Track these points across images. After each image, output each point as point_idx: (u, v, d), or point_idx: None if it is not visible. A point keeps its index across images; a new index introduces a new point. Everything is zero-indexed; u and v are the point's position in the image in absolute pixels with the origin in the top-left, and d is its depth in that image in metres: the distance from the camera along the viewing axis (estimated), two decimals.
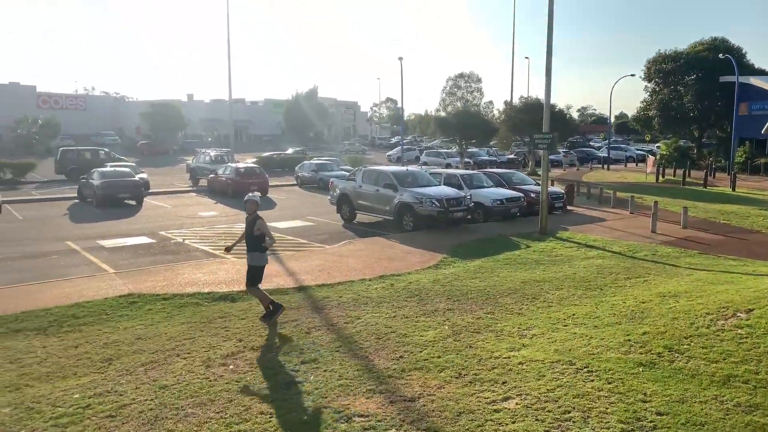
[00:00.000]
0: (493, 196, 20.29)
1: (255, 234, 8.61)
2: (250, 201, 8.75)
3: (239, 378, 6.40)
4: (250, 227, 8.65)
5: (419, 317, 8.69)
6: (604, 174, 43.21)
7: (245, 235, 8.77)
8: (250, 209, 8.70)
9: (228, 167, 28.94)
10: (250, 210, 8.70)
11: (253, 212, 8.72)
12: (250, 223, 8.68)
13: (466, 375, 6.28)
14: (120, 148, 57.36)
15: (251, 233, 8.61)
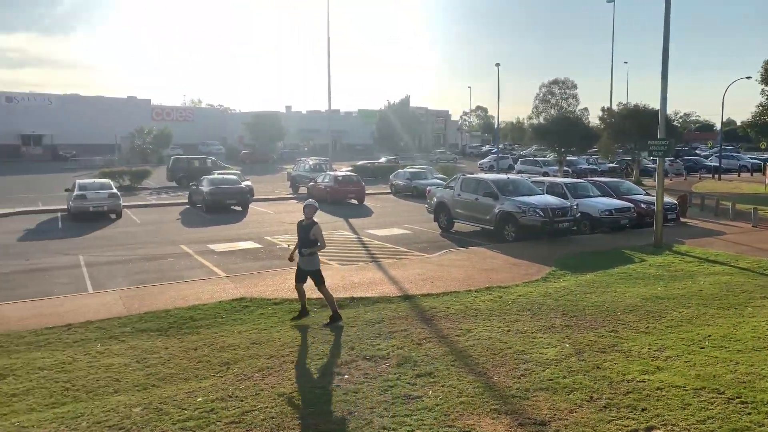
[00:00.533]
0: (601, 206, 19.23)
1: (311, 239, 8.83)
2: (311, 206, 8.98)
3: (356, 389, 6.27)
4: (306, 231, 8.83)
5: (535, 333, 8.22)
6: (715, 184, 40.18)
7: (300, 239, 9.00)
8: (309, 214, 8.90)
9: (327, 175, 29.52)
10: (309, 215, 8.90)
11: (310, 217, 8.93)
12: (306, 227, 8.87)
13: (599, 399, 5.78)
14: (224, 157, 60.43)
15: (307, 237, 8.82)
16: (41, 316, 9.53)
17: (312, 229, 8.83)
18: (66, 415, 5.78)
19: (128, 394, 6.35)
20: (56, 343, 8.19)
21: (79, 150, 63.92)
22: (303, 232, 8.89)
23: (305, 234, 8.85)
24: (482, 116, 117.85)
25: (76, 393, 6.42)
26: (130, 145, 60.93)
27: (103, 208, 22.93)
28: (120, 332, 8.69)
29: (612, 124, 41.45)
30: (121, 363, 7.36)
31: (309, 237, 8.81)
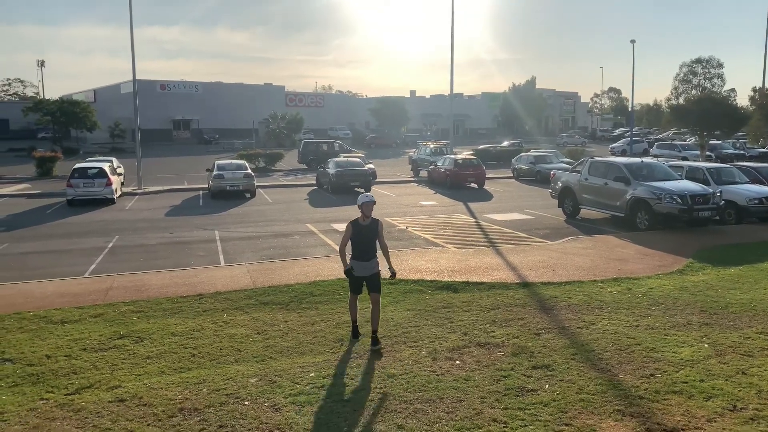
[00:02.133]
0: (748, 194, 17.16)
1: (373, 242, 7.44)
2: (370, 203, 7.35)
3: (467, 376, 6.06)
4: (372, 232, 7.37)
5: (668, 330, 7.48)
6: None
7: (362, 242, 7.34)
8: (369, 211, 7.35)
9: (447, 159, 29.26)
10: (369, 212, 7.36)
11: (370, 215, 7.39)
12: (371, 227, 7.36)
13: (744, 409, 5.10)
14: (351, 141, 62.23)
15: (372, 240, 7.39)
16: (178, 286, 10.30)
17: (378, 228, 7.45)
18: (190, 380, 6.16)
19: (247, 364, 6.64)
20: (188, 311, 8.80)
21: (221, 134, 68.92)
22: (368, 232, 7.35)
23: (370, 235, 7.37)
24: (615, 98, 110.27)
25: (201, 360, 6.83)
26: (265, 130, 64.58)
27: (239, 188, 24.53)
28: (245, 304, 9.15)
29: (764, 106, 36.97)
30: (243, 333, 7.73)
31: (373, 240, 7.40)
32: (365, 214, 7.31)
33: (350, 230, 7.39)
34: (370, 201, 7.34)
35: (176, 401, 5.63)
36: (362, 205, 7.33)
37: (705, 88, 43.91)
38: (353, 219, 7.44)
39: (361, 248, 7.34)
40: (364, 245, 7.35)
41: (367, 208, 7.30)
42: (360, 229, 7.33)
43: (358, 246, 7.34)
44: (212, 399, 5.64)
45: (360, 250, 7.33)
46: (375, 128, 73.52)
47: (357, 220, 7.38)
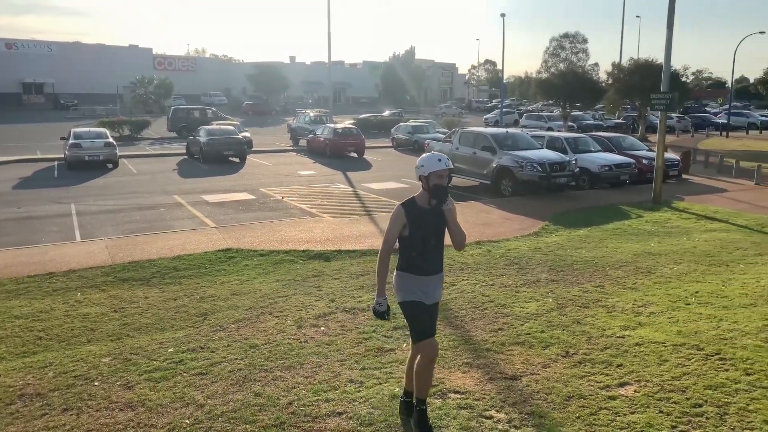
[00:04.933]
0: (600, 162, 18.86)
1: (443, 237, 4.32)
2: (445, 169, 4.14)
3: (330, 341, 6.18)
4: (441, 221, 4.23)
5: (519, 287, 8.09)
6: (722, 141, 39.44)
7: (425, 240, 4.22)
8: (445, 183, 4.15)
9: (326, 128, 29.11)
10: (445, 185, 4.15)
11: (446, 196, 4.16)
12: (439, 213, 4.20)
13: (575, 354, 5.66)
14: (227, 108, 59.81)
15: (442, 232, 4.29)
16: (24, 265, 9.45)
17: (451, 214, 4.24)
18: (35, 364, 5.72)
19: (100, 343, 6.28)
20: (36, 292, 8.12)
21: (81, 99, 63.36)
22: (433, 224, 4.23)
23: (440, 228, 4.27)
24: (490, 70, 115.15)
25: (49, 342, 6.36)
26: (131, 95, 60.26)
27: (99, 158, 22.78)
28: (102, 281, 8.61)
29: (619, 80, 40.43)
30: (98, 312, 7.28)
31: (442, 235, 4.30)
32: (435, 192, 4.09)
33: (402, 219, 4.13)
34: (445, 166, 4.11)
35: (16, 388, 5.21)
36: (430, 175, 4.08)
37: (572, 62, 46.94)
38: (406, 200, 4.25)
39: (424, 251, 4.21)
40: (430, 244, 4.22)
41: (439, 180, 4.08)
42: (421, 216, 4.17)
43: (419, 247, 4.19)
44: (58, 382, 5.29)
45: (421, 255, 4.21)
46: (252, 95, 71.20)
47: (414, 201, 4.23)
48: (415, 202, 4.26)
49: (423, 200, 4.25)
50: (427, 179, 4.14)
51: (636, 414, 4.44)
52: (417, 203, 4.25)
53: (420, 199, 4.26)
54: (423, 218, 4.20)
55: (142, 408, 4.78)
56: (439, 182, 4.12)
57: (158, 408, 4.77)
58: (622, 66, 43.40)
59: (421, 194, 4.27)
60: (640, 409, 4.52)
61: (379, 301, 4.30)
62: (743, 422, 4.29)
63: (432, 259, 4.30)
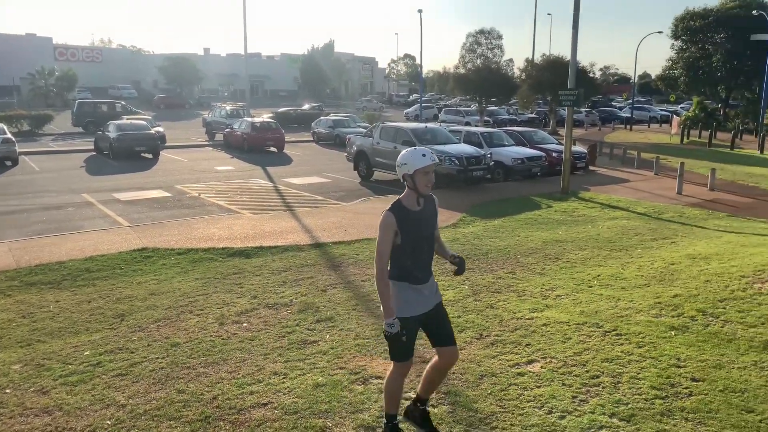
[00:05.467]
0: (513, 155, 19.76)
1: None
2: (432, 165, 3.76)
3: (253, 336, 6.22)
4: (432, 221, 3.96)
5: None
6: (626, 134, 42.16)
7: (418, 244, 3.84)
8: (430, 183, 3.80)
9: (243, 122, 28.63)
10: (430, 183, 3.81)
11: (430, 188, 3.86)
12: (430, 212, 3.93)
13: (488, 336, 6.03)
14: (137, 102, 57.21)
15: (432, 233, 3.97)
16: None
17: (437, 212, 4.04)
18: None
19: (8, 351, 6.00)
20: None
21: None
22: (423, 225, 3.87)
23: (430, 229, 3.95)
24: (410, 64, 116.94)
25: None
26: (30, 87, 56.36)
27: None
28: (6, 286, 8.16)
29: (531, 76, 42.28)
30: (5, 319, 6.93)
31: (433, 237, 4.00)
32: (420, 190, 3.78)
33: (393, 226, 3.72)
34: (431, 161, 3.75)
35: None
36: (416, 173, 3.73)
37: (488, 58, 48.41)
38: (391, 205, 3.81)
39: (418, 257, 3.84)
40: (423, 251, 3.87)
41: (425, 177, 3.75)
42: (412, 220, 3.78)
43: (412, 254, 3.80)
44: None
45: (415, 262, 3.83)
46: (165, 88, 68.49)
47: (401, 204, 3.81)
48: (403, 205, 3.79)
49: (411, 202, 3.79)
50: (412, 178, 3.73)
51: (542, 387, 4.83)
52: (405, 206, 3.79)
53: (407, 201, 3.80)
54: (414, 222, 3.77)
55: (59, 412, 4.65)
56: (427, 179, 3.74)
57: (76, 411, 4.66)
58: (535, 62, 45.41)
59: (407, 195, 3.81)
60: (546, 383, 4.91)
61: (389, 322, 3.69)
62: (633, 388, 4.77)
63: (425, 265, 3.90)
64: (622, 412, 4.36)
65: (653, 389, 4.72)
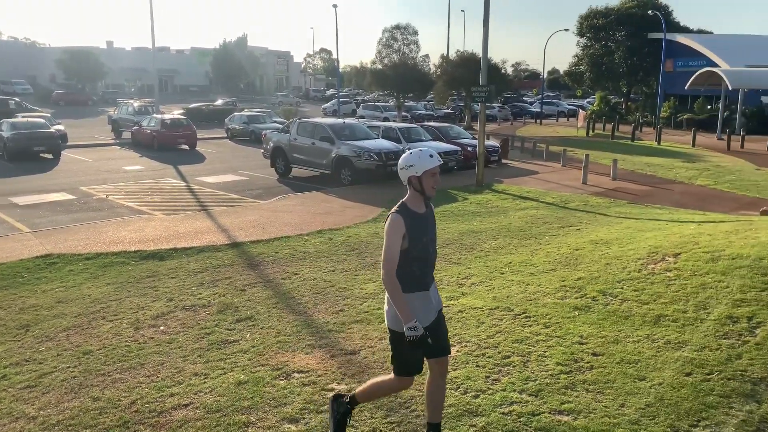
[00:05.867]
0: None
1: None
2: (437, 165, 3.72)
3: (171, 339, 6.08)
4: (433, 225, 3.89)
5: (359, 270, 8.56)
6: (537, 128, 44.10)
7: (424, 250, 3.73)
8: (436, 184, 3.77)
9: (153, 119, 27.49)
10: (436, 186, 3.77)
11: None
12: (431, 217, 3.87)
13: None
14: (33, 98, 53.46)
15: (434, 238, 3.88)
16: None
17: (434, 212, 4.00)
18: None
19: None
20: None
21: None
22: (428, 230, 3.78)
23: (432, 234, 3.85)
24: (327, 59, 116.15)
25: None
26: None
27: None
28: None
29: (447, 72, 43.31)
30: None
31: (435, 242, 3.90)
32: (428, 192, 3.71)
33: (402, 229, 3.60)
34: (439, 161, 3.72)
35: None
36: (424, 174, 3.66)
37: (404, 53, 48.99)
38: (397, 207, 3.70)
39: (425, 261, 3.75)
40: (429, 254, 3.77)
41: (433, 179, 3.69)
42: (418, 223, 3.69)
43: (420, 257, 3.69)
44: None
45: (422, 267, 3.72)
46: (64, 83, 64.37)
47: (407, 207, 3.70)
48: (409, 208, 3.67)
49: (416, 204, 3.70)
50: (419, 179, 3.65)
51: (457, 370, 5.07)
52: (411, 209, 3.68)
53: (412, 204, 3.70)
54: (421, 225, 3.67)
55: None
56: (434, 181, 3.67)
57: None
58: (449, 59, 46.53)
59: (412, 197, 3.71)
60: (461, 365, 5.16)
61: (411, 326, 3.49)
62: (541, 366, 5.10)
63: (432, 269, 3.81)
64: (530, 388, 4.67)
65: (558, 365, 5.08)
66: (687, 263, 7.30)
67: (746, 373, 4.75)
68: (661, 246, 8.42)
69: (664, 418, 4.18)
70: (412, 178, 3.67)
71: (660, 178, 20.34)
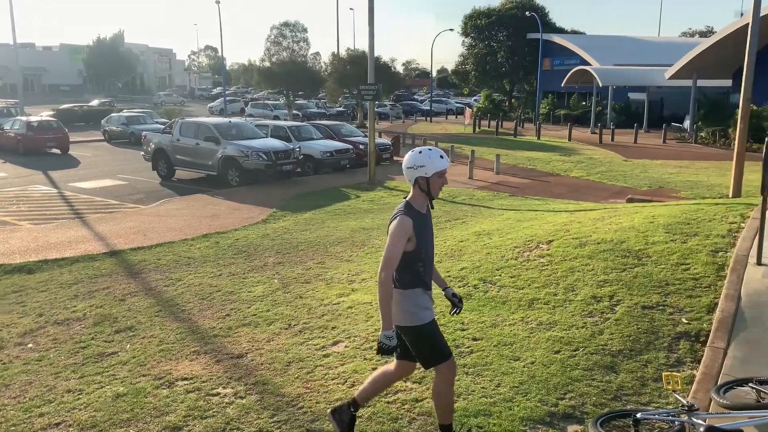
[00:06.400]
0: (322, 148, 20.22)
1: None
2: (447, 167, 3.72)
3: (41, 356, 5.65)
4: (432, 228, 3.91)
5: (247, 273, 8.40)
6: (427, 126, 45.36)
7: (429, 251, 3.81)
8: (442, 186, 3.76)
9: (17, 121, 25.24)
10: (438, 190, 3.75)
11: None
12: (430, 219, 3.87)
13: (296, 325, 6.21)
14: None
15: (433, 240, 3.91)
16: None
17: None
18: None
19: None
20: None
21: None
22: (430, 230, 3.85)
23: (432, 232, 3.90)
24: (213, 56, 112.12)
25: None
26: None
27: None
28: None
29: (337, 70, 43.39)
30: None
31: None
32: (434, 194, 3.72)
33: (410, 232, 3.58)
34: (448, 163, 3.74)
35: None
36: (433, 176, 3.63)
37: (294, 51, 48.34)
38: (404, 208, 3.65)
39: (428, 262, 3.79)
40: (430, 255, 3.83)
41: (440, 180, 3.68)
42: (423, 224, 3.71)
43: (424, 258, 3.73)
44: None
45: (425, 267, 3.76)
46: None
47: (413, 207, 3.68)
48: (414, 208, 3.65)
49: (420, 204, 3.69)
50: (428, 180, 3.62)
51: (345, 365, 5.14)
52: (416, 209, 3.66)
53: (417, 204, 3.68)
54: (425, 226, 3.71)
55: None
56: (441, 182, 3.67)
57: None
58: (341, 57, 46.64)
59: (417, 198, 3.68)
60: (349, 360, 5.24)
61: (387, 334, 3.52)
62: None
63: (432, 270, 3.86)
64: (414, 376, 4.83)
65: None
66: (558, 249, 7.87)
67: (606, 347, 5.22)
68: (536, 234, 9.00)
69: (535, 394, 4.50)
70: (420, 178, 3.63)
71: (539, 171, 21.67)
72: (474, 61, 55.00)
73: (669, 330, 5.42)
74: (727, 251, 7.18)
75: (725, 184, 15.25)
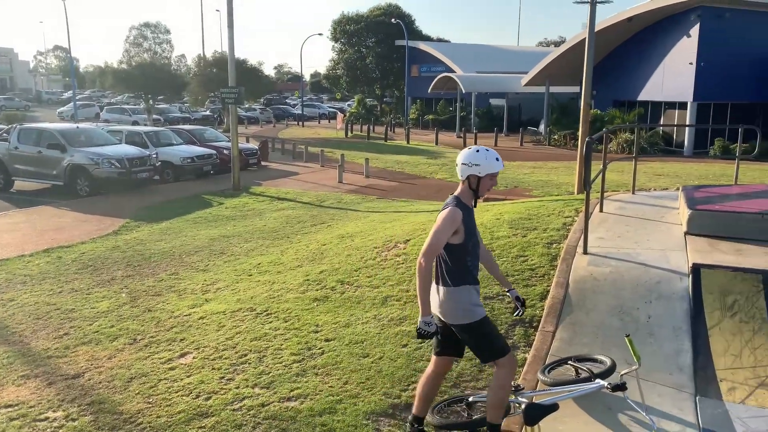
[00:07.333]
0: (182, 154, 19.37)
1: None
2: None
3: None
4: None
5: (92, 288, 7.83)
6: (299, 130, 45.10)
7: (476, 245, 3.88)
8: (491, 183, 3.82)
9: None
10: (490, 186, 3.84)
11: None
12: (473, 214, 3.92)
13: (142, 339, 5.89)
14: None
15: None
16: None
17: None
18: None
19: None
20: None
21: None
22: (475, 225, 3.90)
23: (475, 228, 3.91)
24: (63, 58, 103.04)
25: None
26: None
27: None
28: None
29: (202, 73, 41.80)
30: None
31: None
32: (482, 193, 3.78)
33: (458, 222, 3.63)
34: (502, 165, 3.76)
35: None
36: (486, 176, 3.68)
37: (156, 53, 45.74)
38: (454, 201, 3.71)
39: (475, 257, 3.84)
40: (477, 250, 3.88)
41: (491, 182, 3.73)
42: (471, 219, 3.78)
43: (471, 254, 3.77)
44: None
45: (473, 261, 3.81)
46: None
47: (461, 201, 3.72)
48: (463, 202, 3.72)
49: (467, 200, 3.76)
50: (479, 180, 3.68)
51: (192, 376, 4.97)
52: (465, 203, 3.73)
53: (465, 199, 3.75)
54: (472, 220, 3.78)
55: None
56: (491, 184, 3.74)
57: None
58: (206, 59, 44.92)
59: (465, 194, 3.75)
60: (196, 371, 5.07)
61: (426, 320, 3.54)
62: (276, 359, 5.27)
63: (478, 265, 3.89)
64: (263, 381, 4.79)
65: (293, 356, 5.29)
66: (414, 248, 8.17)
67: None
68: (395, 234, 9.29)
69: (380, 388, 4.65)
70: (472, 176, 3.70)
71: (407, 174, 22.37)
72: (344, 66, 55.61)
73: (507, 318, 5.85)
74: (560, 243, 7.88)
75: (572, 182, 16.73)
